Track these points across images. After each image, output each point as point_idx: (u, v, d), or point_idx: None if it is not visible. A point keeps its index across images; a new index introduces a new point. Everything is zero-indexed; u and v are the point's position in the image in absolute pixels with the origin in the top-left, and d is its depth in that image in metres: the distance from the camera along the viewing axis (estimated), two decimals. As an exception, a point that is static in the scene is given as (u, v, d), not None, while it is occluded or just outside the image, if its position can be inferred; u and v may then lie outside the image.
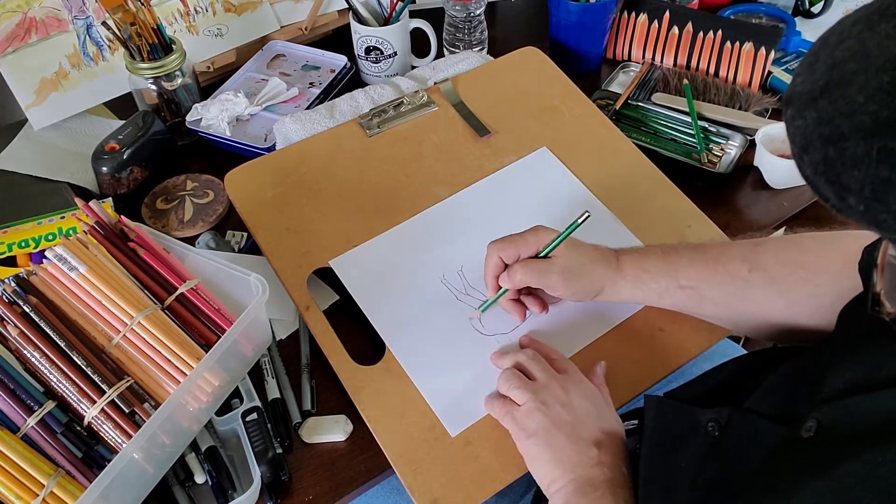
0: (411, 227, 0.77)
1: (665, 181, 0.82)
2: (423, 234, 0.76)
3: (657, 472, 0.54)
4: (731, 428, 0.51)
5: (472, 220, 0.77)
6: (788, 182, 0.87)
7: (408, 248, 0.75)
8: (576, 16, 0.99)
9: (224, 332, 0.62)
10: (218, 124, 0.91)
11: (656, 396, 0.59)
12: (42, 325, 0.59)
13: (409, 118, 0.86)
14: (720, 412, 0.52)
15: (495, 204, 0.79)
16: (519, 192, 0.80)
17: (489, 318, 0.70)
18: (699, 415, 0.53)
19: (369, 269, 0.73)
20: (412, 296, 0.71)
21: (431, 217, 0.77)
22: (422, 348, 0.68)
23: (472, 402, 0.64)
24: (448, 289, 0.72)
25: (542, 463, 0.57)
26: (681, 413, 0.55)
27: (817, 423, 0.44)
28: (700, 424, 0.53)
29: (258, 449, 0.62)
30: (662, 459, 0.54)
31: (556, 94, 0.90)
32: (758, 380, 0.54)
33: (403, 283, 0.72)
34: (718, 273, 0.64)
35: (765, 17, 1.09)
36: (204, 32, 0.99)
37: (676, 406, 0.56)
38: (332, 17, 1.07)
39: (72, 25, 0.92)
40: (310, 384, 0.69)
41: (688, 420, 0.54)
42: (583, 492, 0.55)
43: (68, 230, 0.79)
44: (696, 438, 0.53)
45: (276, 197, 0.78)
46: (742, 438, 0.50)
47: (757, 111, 0.95)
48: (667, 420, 0.56)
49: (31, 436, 0.56)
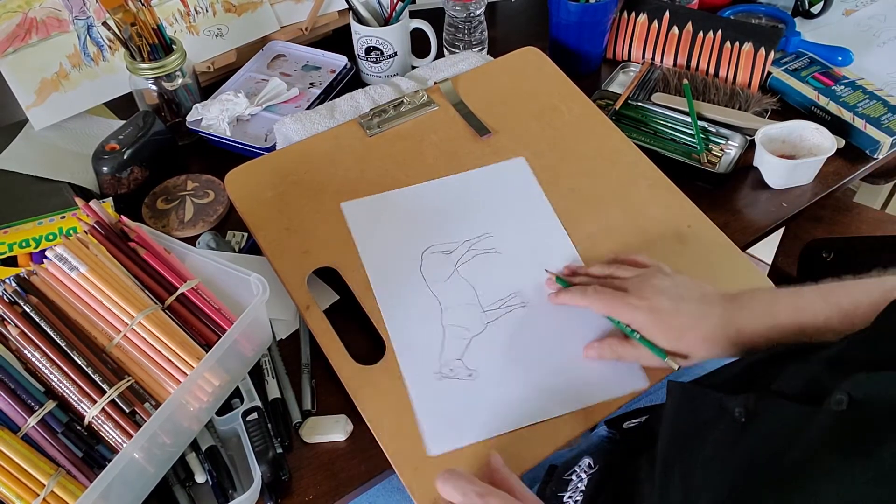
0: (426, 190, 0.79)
1: (665, 181, 0.82)
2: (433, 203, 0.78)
3: (680, 458, 0.53)
4: (760, 413, 0.50)
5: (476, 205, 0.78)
6: (788, 182, 0.87)
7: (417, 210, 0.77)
8: (576, 16, 0.99)
9: (224, 332, 0.62)
10: (218, 124, 0.92)
11: (681, 382, 0.58)
12: (42, 325, 0.59)
13: (409, 118, 0.86)
14: (748, 398, 0.51)
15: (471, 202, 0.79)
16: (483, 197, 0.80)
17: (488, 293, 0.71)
18: (726, 401, 0.52)
19: (378, 219, 0.76)
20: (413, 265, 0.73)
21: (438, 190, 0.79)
22: (414, 334, 0.68)
23: (461, 423, 0.63)
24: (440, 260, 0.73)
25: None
26: (706, 399, 0.54)
27: (848, 397, 0.43)
28: (727, 410, 0.51)
29: (258, 449, 0.62)
30: (685, 446, 0.53)
31: (556, 94, 0.90)
32: (781, 368, 0.53)
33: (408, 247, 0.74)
34: (844, 327, 0.59)
35: (765, 18, 1.09)
36: (204, 32, 1.00)
37: (702, 392, 0.55)
38: (332, 18, 1.08)
39: (72, 25, 0.92)
40: (310, 384, 0.69)
41: (714, 406, 0.53)
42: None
43: (69, 230, 0.79)
44: (723, 425, 0.51)
45: (276, 197, 0.78)
46: (771, 422, 0.49)
47: (757, 111, 0.95)
48: (692, 406, 0.55)
49: (31, 436, 0.56)
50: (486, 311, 0.70)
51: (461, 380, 0.66)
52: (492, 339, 0.69)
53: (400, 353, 0.67)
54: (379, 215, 0.77)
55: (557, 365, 0.67)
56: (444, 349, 0.68)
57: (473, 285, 0.72)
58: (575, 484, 0.62)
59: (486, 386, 0.66)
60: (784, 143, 0.88)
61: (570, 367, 0.67)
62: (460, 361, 0.67)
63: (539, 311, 0.70)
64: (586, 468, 0.63)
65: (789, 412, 0.48)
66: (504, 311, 0.70)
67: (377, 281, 0.72)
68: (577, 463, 0.65)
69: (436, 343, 0.68)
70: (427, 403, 0.65)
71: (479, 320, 0.70)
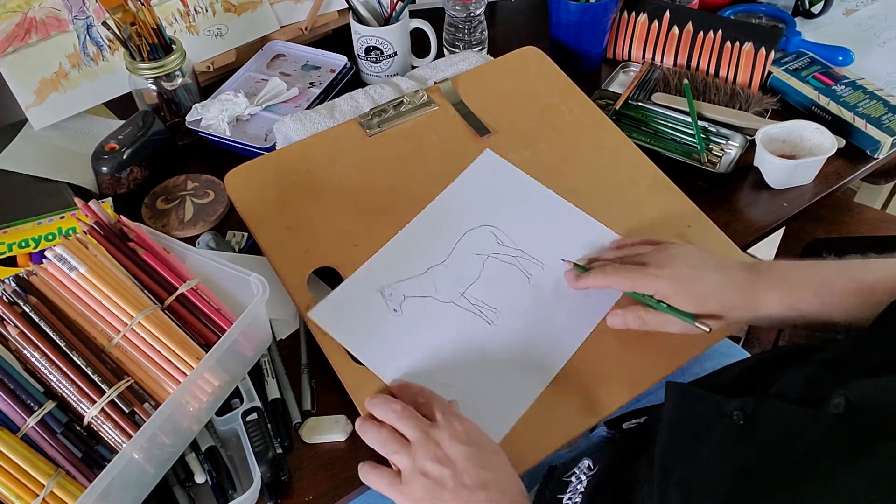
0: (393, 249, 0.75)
1: (665, 181, 0.82)
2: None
3: (677, 460, 0.53)
4: (758, 416, 0.50)
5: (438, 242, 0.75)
6: (788, 182, 0.87)
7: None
8: (576, 16, 0.99)
9: (224, 332, 0.62)
10: (218, 124, 0.91)
11: (680, 383, 0.58)
12: (42, 325, 0.59)
13: (409, 118, 0.86)
14: (745, 401, 0.51)
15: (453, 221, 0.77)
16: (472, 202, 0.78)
17: (487, 295, 0.70)
18: (724, 403, 0.52)
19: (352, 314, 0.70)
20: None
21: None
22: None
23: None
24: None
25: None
26: (705, 401, 0.54)
27: (846, 400, 0.43)
28: (725, 413, 0.52)
29: (258, 449, 0.62)
30: (683, 448, 0.53)
31: (556, 94, 0.90)
32: (780, 372, 0.53)
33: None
34: (868, 303, 0.59)
35: (765, 17, 1.09)
36: (204, 32, 1.00)
37: (701, 394, 0.55)
38: (332, 17, 1.07)
39: (72, 25, 0.92)
40: (310, 384, 0.69)
41: (712, 408, 0.53)
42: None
43: (68, 230, 0.79)
44: (721, 427, 0.51)
45: (276, 197, 0.78)
46: (769, 425, 0.49)
47: (757, 111, 0.95)
48: (691, 408, 0.55)
49: (31, 436, 0.56)
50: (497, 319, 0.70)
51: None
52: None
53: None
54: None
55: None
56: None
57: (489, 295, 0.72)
58: (574, 486, 0.62)
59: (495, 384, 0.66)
60: (784, 143, 0.88)
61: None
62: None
63: (553, 306, 0.71)
64: (586, 470, 0.63)
65: (788, 415, 0.48)
66: (516, 317, 0.71)
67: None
68: (577, 464, 0.64)
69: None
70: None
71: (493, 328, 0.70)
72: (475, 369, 0.67)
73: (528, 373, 0.67)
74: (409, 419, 0.59)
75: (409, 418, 0.59)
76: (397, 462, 0.58)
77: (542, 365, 0.67)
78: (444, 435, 0.57)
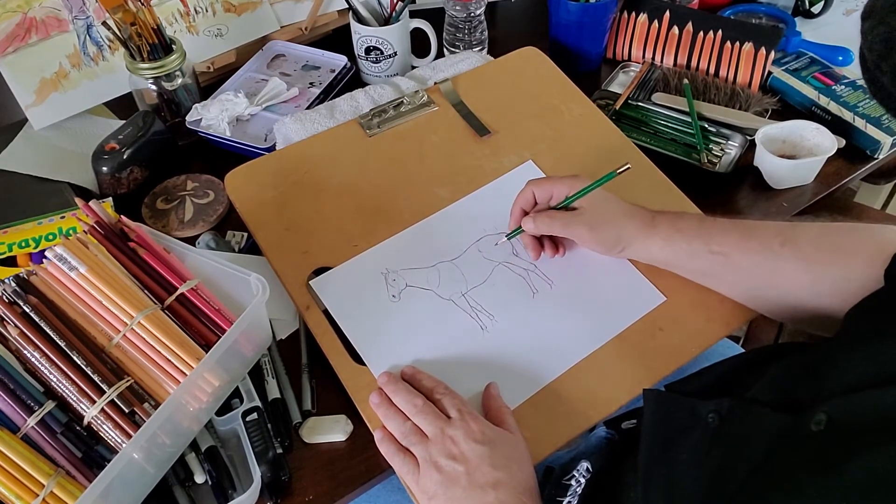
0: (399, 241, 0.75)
1: (665, 181, 0.82)
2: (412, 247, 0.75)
3: (658, 466, 0.53)
4: (733, 418, 0.50)
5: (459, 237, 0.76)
6: (788, 182, 0.87)
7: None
8: (576, 16, 0.99)
9: (224, 332, 0.62)
10: (218, 124, 0.91)
11: (655, 390, 0.59)
12: (42, 325, 0.59)
13: (409, 118, 0.86)
14: (720, 403, 0.52)
15: (479, 221, 0.77)
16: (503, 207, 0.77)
17: (488, 302, 0.71)
18: (699, 406, 0.53)
19: (351, 288, 0.71)
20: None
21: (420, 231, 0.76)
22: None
23: None
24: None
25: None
26: (680, 405, 0.55)
27: (827, 417, 0.43)
28: (700, 416, 0.52)
29: (258, 449, 0.62)
30: (663, 454, 0.54)
31: (556, 94, 0.90)
32: (758, 374, 0.54)
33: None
34: (751, 242, 0.65)
35: (765, 17, 1.09)
36: (204, 32, 1.00)
37: (675, 398, 0.56)
38: (332, 17, 1.07)
39: (72, 25, 0.92)
40: (310, 384, 0.69)
41: (687, 412, 0.53)
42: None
43: (68, 230, 0.79)
44: (697, 430, 0.52)
45: (276, 197, 0.78)
46: (743, 428, 0.49)
47: (757, 111, 0.95)
48: (667, 413, 0.56)
49: (31, 436, 0.56)
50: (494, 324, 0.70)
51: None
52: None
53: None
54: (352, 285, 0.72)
55: (580, 306, 0.71)
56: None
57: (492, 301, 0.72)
58: (574, 489, 0.62)
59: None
60: (784, 143, 0.88)
61: (591, 305, 0.71)
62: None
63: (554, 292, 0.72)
64: (584, 472, 0.63)
65: (764, 419, 0.48)
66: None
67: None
68: (576, 467, 0.64)
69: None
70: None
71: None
72: (458, 371, 0.66)
73: (510, 384, 0.66)
74: (429, 415, 0.60)
75: (428, 413, 0.60)
76: (416, 453, 0.59)
77: (526, 378, 0.67)
78: (459, 433, 0.58)
